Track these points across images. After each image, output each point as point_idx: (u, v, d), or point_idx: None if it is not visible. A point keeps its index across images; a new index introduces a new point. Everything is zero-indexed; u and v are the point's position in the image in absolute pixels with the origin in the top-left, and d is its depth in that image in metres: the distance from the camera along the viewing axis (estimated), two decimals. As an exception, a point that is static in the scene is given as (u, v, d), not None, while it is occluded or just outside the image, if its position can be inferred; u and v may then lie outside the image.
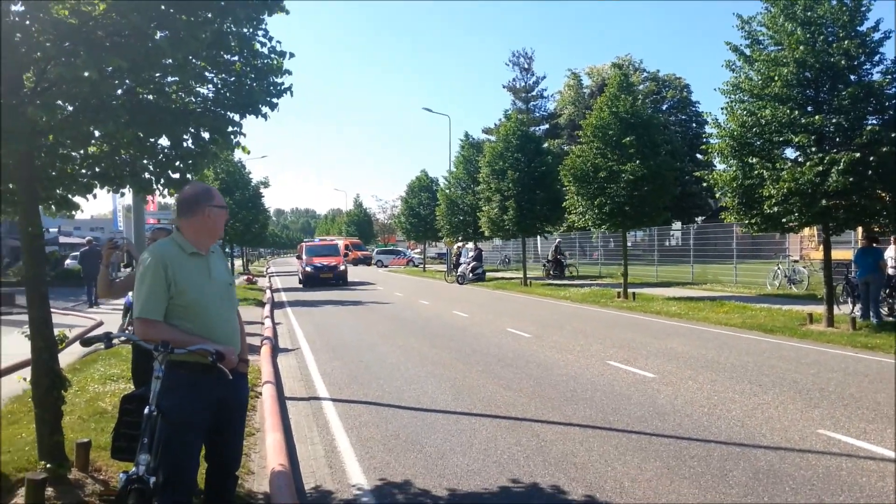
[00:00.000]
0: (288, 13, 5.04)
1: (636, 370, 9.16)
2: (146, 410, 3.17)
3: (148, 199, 17.32)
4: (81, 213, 5.89)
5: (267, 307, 18.44)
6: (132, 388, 5.79)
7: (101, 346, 3.41)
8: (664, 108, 54.49)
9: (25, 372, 5.04)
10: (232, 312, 3.62)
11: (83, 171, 5.11)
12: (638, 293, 20.10)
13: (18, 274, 24.66)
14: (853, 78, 12.18)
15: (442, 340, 12.42)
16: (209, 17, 4.41)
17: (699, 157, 48.04)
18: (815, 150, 12.01)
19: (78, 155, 5.02)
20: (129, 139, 4.71)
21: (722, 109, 13.44)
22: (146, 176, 5.17)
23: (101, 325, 13.44)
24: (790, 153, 13.07)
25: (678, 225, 33.66)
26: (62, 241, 53.31)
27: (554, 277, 30.68)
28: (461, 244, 35.42)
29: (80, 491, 4.44)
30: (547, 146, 33.05)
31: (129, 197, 12.73)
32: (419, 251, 55.67)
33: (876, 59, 12.19)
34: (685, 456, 5.52)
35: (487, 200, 28.40)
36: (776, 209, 12.32)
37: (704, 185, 14.84)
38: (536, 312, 17.47)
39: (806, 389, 7.85)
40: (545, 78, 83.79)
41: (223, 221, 3.58)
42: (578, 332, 13.35)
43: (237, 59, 4.96)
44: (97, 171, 5.13)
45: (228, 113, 5.08)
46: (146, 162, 5.15)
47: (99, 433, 5.61)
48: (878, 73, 12.26)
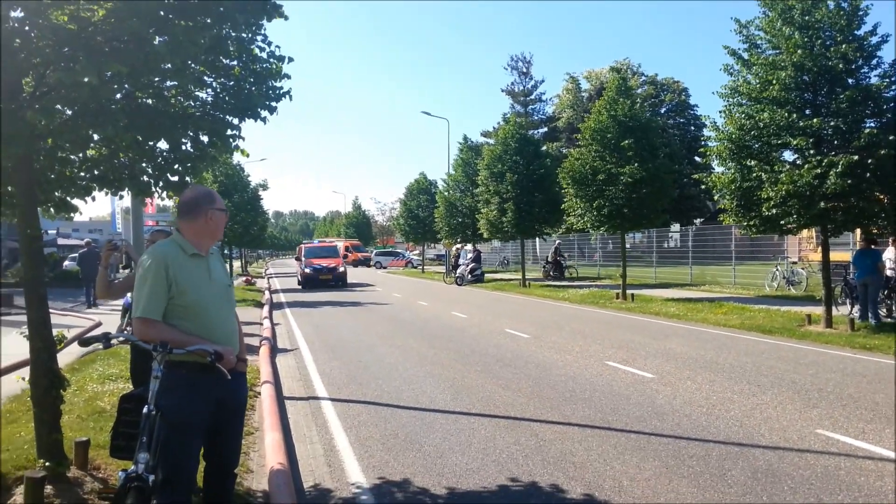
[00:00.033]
0: (287, 19, 5.03)
1: (635, 370, 9.17)
2: (145, 410, 3.18)
3: (146, 201, 17.33)
4: (80, 215, 5.91)
5: (266, 308, 18.44)
6: (131, 387, 5.80)
7: (99, 346, 3.42)
8: (662, 111, 54.49)
9: (24, 372, 5.05)
10: (231, 313, 3.64)
11: (82, 173, 5.12)
12: (637, 294, 20.11)
13: (17, 275, 24.65)
14: (851, 81, 12.21)
15: (440, 341, 12.42)
16: (208, 22, 4.42)
17: (697, 159, 48.11)
18: (813, 152, 12.02)
19: (77, 158, 5.03)
20: (127, 143, 4.72)
21: (720, 113, 13.48)
22: (145, 179, 5.19)
23: (99, 325, 13.45)
24: (788, 156, 13.11)
25: (677, 227, 33.70)
26: (61, 242, 53.20)
27: (553, 279, 30.71)
28: (460, 246, 35.44)
29: (79, 489, 4.46)
30: (545, 149, 33.02)
31: (127, 199, 12.74)
32: (418, 253, 55.71)
33: (874, 62, 12.24)
34: (684, 455, 5.53)
35: (486, 202, 28.43)
36: (775, 211, 12.35)
37: (703, 187, 14.84)
38: (535, 313, 17.48)
39: (804, 390, 7.86)
40: (543, 82, 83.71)
41: (223, 224, 3.63)
42: (577, 332, 13.36)
43: (236, 63, 4.98)
44: (96, 173, 5.14)
45: (227, 117, 5.09)
46: (145, 165, 5.17)
47: (98, 432, 5.62)
48: (875, 76, 12.32)
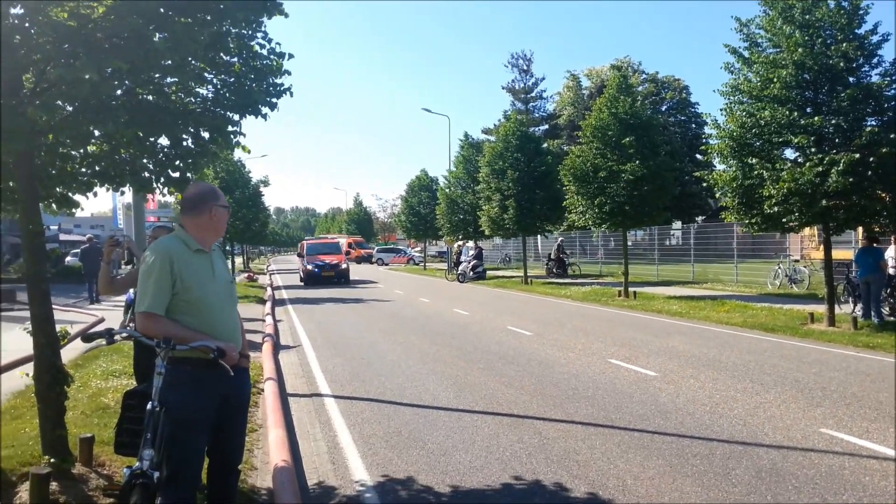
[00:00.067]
0: (287, 16, 5.02)
1: (638, 368, 9.16)
2: (149, 406, 3.17)
3: (148, 197, 17.34)
4: (81, 210, 5.90)
5: (268, 304, 18.44)
6: (134, 383, 5.79)
7: (102, 342, 3.42)
8: (663, 109, 54.45)
9: (28, 368, 5.04)
10: (233, 310, 3.64)
11: (83, 169, 5.11)
12: (639, 292, 20.09)
13: (19, 271, 24.67)
14: (852, 80, 12.19)
15: (443, 338, 12.41)
16: (208, 19, 4.40)
17: (699, 157, 48.02)
18: (814, 150, 12.01)
19: (78, 154, 5.02)
20: (128, 139, 4.71)
21: (721, 111, 13.46)
22: (146, 175, 5.17)
23: (102, 321, 13.46)
24: (790, 154, 13.09)
25: (678, 224, 33.64)
26: (62, 238, 53.44)
27: (556, 276, 30.73)
28: (462, 243, 35.43)
29: (83, 485, 4.45)
30: (546, 146, 33.05)
31: (128, 195, 12.74)
32: (419, 250, 55.71)
33: (874, 61, 12.22)
34: (687, 454, 5.52)
35: (487, 200, 28.44)
36: (776, 209, 12.33)
37: (704, 185, 14.85)
38: (537, 311, 17.46)
39: (808, 388, 7.85)
40: (544, 79, 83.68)
41: (226, 220, 3.65)
42: (579, 330, 13.35)
43: (236, 60, 4.96)
44: (97, 169, 5.13)
45: (228, 113, 5.08)
46: (146, 161, 5.16)
47: (102, 428, 5.62)
48: (876, 75, 12.30)
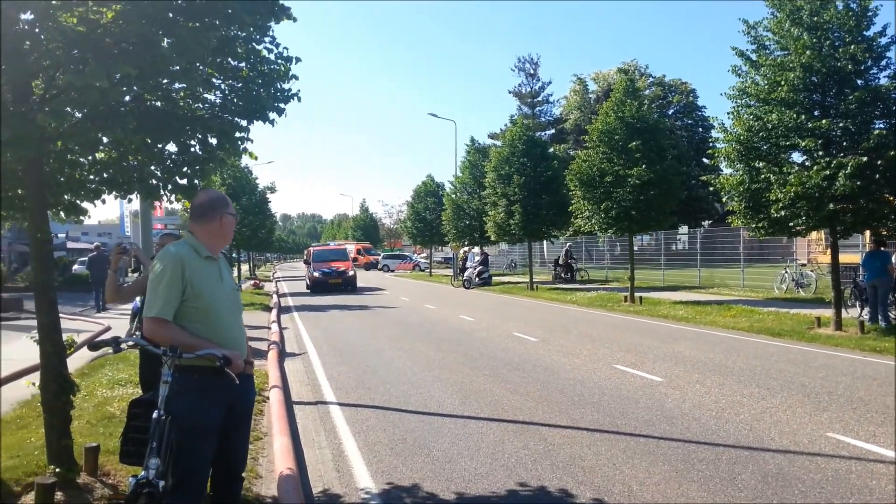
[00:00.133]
0: (295, 20, 5.03)
1: (644, 374, 9.14)
2: (155, 415, 3.18)
3: (155, 204, 17.40)
4: (89, 218, 5.95)
5: (274, 312, 18.47)
6: (140, 392, 5.82)
7: (109, 350, 3.43)
8: (670, 112, 54.42)
9: (34, 377, 5.07)
10: (239, 317, 3.67)
11: (91, 176, 5.14)
12: (645, 297, 20.04)
13: (27, 279, 24.79)
14: (860, 82, 12.16)
15: (448, 345, 12.41)
16: (215, 23, 4.42)
17: (706, 161, 48.05)
18: (822, 154, 11.96)
19: (86, 161, 5.05)
20: (137, 145, 4.74)
21: (728, 114, 13.48)
22: (154, 182, 5.21)
23: (108, 329, 13.50)
24: (797, 157, 13.04)
25: (685, 229, 33.63)
26: (70, 246, 53.68)
27: (564, 281, 30.69)
28: (467, 248, 35.40)
29: (89, 495, 4.46)
30: (553, 151, 33.00)
31: (136, 202, 12.82)
32: (425, 256, 55.74)
33: (883, 63, 12.20)
34: (693, 459, 5.50)
35: (493, 205, 28.43)
36: (783, 213, 12.29)
37: (711, 189, 14.79)
38: (543, 316, 17.44)
39: (814, 393, 7.81)
40: (551, 83, 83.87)
41: (233, 228, 3.69)
42: (585, 336, 13.32)
43: (244, 65, 4.99)
44: (105, 176, 5.16)
45: (236, 118, 5.10)
46: (154, 168, 5.19)
47: (107, 437, 5.64)
48: (885, 77, 12.27)
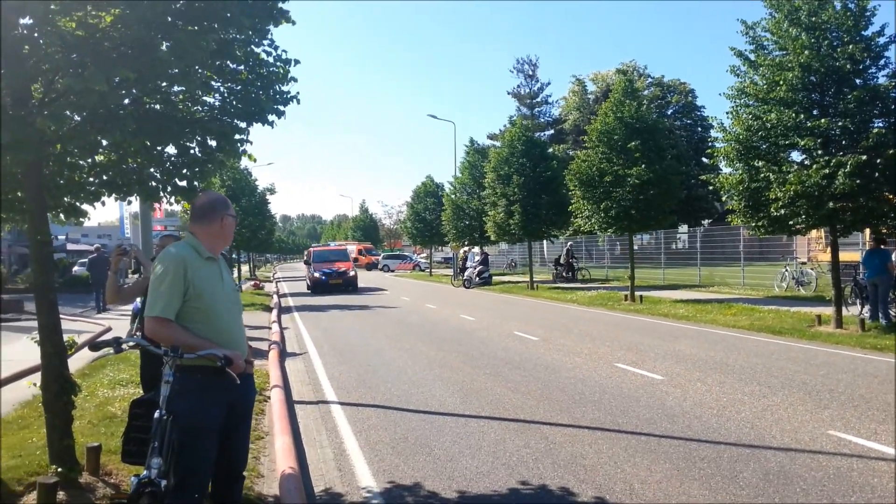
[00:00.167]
0: (294, 24, 5.04)
1: (644, 372, 9.14)
2: (156, 414, 3.19)
3: (155, 206, 17.41)
4: (89, 220, 5.95)
5: (274, 312, 18.48)
6: (141, 392, 5.82)
7: (109, 350, 3.44)
8: (669, 112, 54.42)
9: (35, 377, 5.07)
10: (240, 318, 3.68)
11: (91, 179, 5.15)
12: (645, 296, 20.05)
13: (27, 281, 24.80)
14: (858, 82, 12.16)
15: (449, 344, 12.41)
16: (214, 27, 4.44)
17: (705, 160, 48.04)
18: (821, 153, 11.96)
19: (86, 163, 5.06)
20: (136, 148, 4.74)
21: (727, 114, 13.46)
22: (153, 184, 5.21)
23: (109, 330, 13.52)
24: (796, 156, 13.04)
25: (685, 228, 33.62)
26: (70, 248, 53.71)
27: (565, 280, 30.70)
28: (467, 248, 35.42)
29: (90, 494, 4.47)
30: (552, 151, 33.03)
31: (136, 204, 12.82)
32: (425, 256, 55.76)
33: (881, 62, 12.19)
34: (695, 458, 5.51)
35: (493, 205, 28.45)
36: (783, 211, 12.29)
37: (711, 188, 14.79)
38: (543, 316, 17.45)
39: (815, 391, 7.82)
40: (550, 84, 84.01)
41: (234, 229, 3.73)
42: (586, 335, 13.33)
43: (243, 68, 4.99)
44: (105, 179, 5.17)
45: (235, 121, 5.11)
46: (153, 170, 5.20)
47: (109, 437, 5.64)
48: (883, 76, 12.27)
